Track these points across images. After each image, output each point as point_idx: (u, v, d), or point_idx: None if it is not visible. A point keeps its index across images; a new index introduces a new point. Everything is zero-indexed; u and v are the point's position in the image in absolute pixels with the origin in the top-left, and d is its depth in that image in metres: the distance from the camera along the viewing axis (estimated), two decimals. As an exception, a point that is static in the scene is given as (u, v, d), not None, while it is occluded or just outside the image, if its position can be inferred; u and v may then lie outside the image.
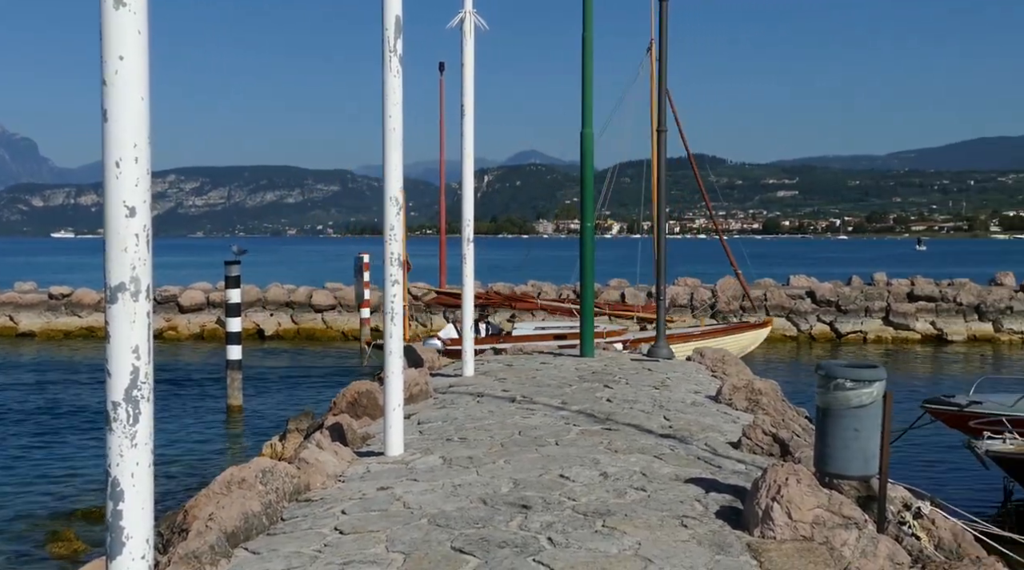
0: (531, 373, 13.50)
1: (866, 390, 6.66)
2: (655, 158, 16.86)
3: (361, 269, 31.48)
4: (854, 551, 5.75)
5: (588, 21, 14.87)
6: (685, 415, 10.20)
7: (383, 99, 8.09)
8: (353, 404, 10.34)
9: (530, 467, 7.64)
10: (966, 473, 14.29)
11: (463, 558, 5.46)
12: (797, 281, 36.32)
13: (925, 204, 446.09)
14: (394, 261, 8.19)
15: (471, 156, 13.24)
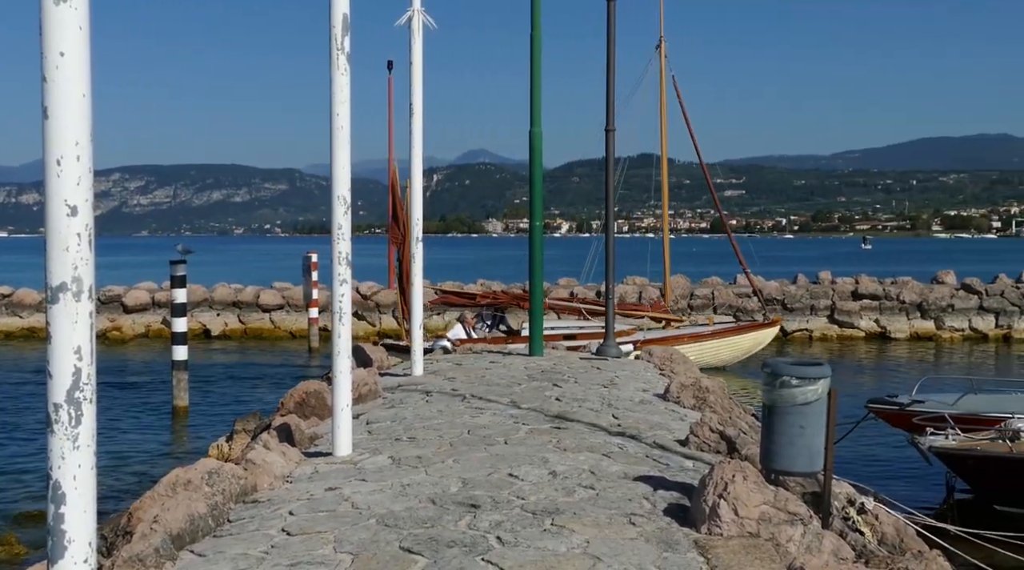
0: (480, 372, 13.50)
1: (811, 387, 6.74)
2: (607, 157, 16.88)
3: (309, 268, 31.38)
4: (799, 547, 5.82)
5: (536, 20, 14.90)
6: (634, 413, 10.25)
7: (331, 97, 8.04)
8: (301, 404, 10.27)
9: (479, 466, 7.64)
10: (910, 469, 14.51)
11: (411, 558, 5.45)
12: (744, 280, 36.65)
13: (869, 203, 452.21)
14: (342, 260, 8.14)
15: (420, 155, 13.21)
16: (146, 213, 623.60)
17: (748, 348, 26.45)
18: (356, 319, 33.14)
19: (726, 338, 26.12)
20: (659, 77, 28.41)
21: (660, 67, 28.47)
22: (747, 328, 26.95)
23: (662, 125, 28.86)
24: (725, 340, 26.06)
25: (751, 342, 26.50)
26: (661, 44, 28.59)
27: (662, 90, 28.50)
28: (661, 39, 28.63)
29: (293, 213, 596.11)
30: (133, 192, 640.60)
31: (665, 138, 29.08)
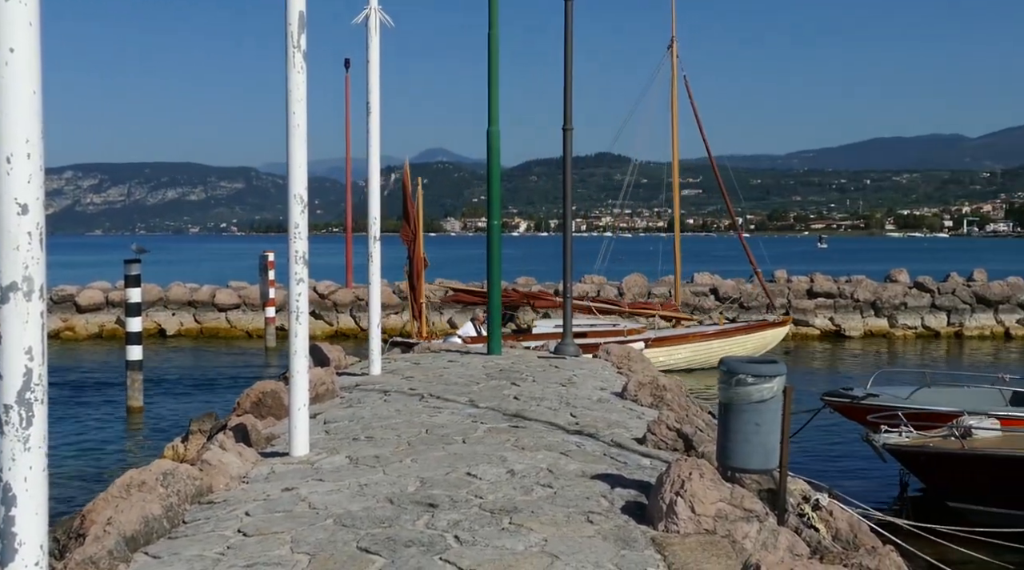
0: (438, 371, 13.48)
1: (767, 385, 6.79)
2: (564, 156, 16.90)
3: (266, 267, 31.16)
4: (755, 543, 5.86)
5: (494, 19, 14.89)
6: (591, 412, 10.28)
7: (287, 95, 7.99)
8: (257, 404, 10.20)
9: (437, 465, 7.62)
10: (864, 466, 14.67)
11: (369, 558, 5.43)
12: (701, 278, 36.90)
13: (824, 203, 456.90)
14: (299, 259, 8.09)
15: (377, 153, 13.15)
16: (100, 212, 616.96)
17: (758, 347, 26.62)
18: (313, 318, 32.97)
19: (736, 337, 26.27)
20: (671, 77, 28.59)
21: (672, 67, 28.63)
22: (757, 327, 27.09)
23: (673, 124, 29.04)
24: (735, 339, 26.21)
25: (761, 341, 26.66)
26: (673, 44, 28.75)
27: (673, 90, 28.66)
28: (673, 39, 28.80)
29: (249, 212, 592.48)
30: (86, 190, 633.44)
31: (676, 138, 29.27)
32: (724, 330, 26.45)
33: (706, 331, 26.25)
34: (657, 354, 24.65)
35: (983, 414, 12.97)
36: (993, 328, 34.70)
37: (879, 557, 5.91)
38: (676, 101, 28.63)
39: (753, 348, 26.39)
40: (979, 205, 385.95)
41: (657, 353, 24.70)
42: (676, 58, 28.55)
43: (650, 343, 24.82)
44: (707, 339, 25.65)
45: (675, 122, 28.92)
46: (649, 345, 24.75)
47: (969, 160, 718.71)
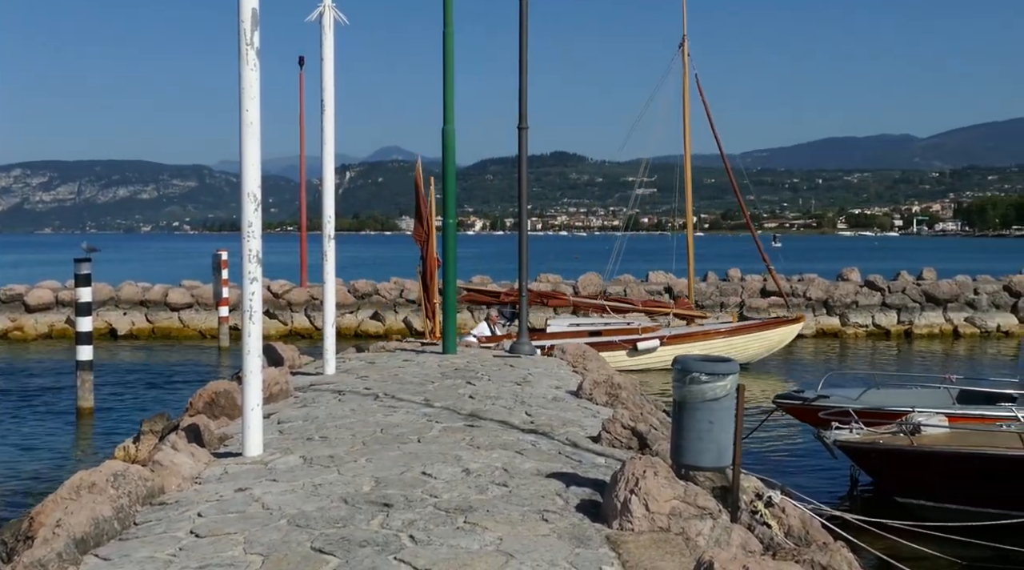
0: (393, 371, 13.44)
1: (720, 383, 6.85)
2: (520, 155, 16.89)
3: (219, 266, 30.87)
4: (708, 541, 5.91)
5: (449, 17, 14.87)
6: (547, 410, 10.30)
7: (240, 93, 7.93)
8: (210, 404, 10.11)
9: (392, 465, 7.60)
10: (816, 463, 14.82)
11: (323, 558, 5.40)
12: (656, 277, 37.09)
13: (777, 202, 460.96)
14: (253, 258, 8.03)
15: (332, 152, 13.10)
16: (49, 210, 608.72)
17: (772, 344, 26.76)
18: (267, 318, 32.74)
19: (750, 334, 26.38)
20: (682, 75, 28.72)
21: (683, 66, 28.74)
22: (771, 324, 27.21)
23: (685, 123, 29.16)
24: (749, 336, 26.32)
25: (775, 338, 26.79)
26: (684, 43, 28.85)
27: (685, 89, 28.77)
28: (684, 38, 28.90)
29: (202, 210, 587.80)
30: (35, 188, 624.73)
31: (688, 136, 29.39)
32: (738, 327, 26.60)
33: (719, 328, 26.39)
34: (672, 352, 24.82)
35: (932, 411, 13.16)
36: (942, 326, 35.19)
37: (830, 553, 5.98)
38: (688, 99, 28.79)
39: (767, 345, 26.59)
40: (928, 205, 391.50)
41: (672, 351, 24.87)
42: (687, 57, 28.69)
43: (665, 340, 24.97)
44: (722, 336, 25.81)
45: (687, 120, 29.09)
46: (664, 343, 24.90)
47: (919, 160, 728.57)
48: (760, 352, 26.43)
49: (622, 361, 24.24)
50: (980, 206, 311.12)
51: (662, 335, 25.12)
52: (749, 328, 26.71)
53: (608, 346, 24.56)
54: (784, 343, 27.08)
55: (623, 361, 24.26)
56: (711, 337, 25.69)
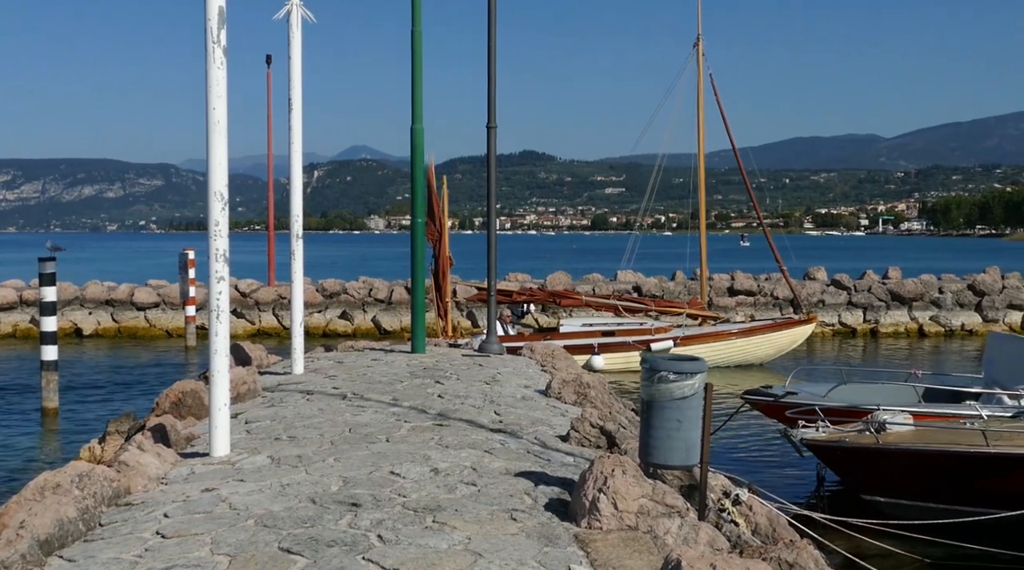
0: (362, 370, 13.40)
1: (688, 382, 6.88)
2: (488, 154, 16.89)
3: (186, 265, 30.67)
4: (676, 539, 5.93)
5: (417, 15, 14.84)
6: (515, 410, 10.30)
7: (207, 92, 7.88)
8: (177, 404, 10.04)
9: (360, 465, 7.58)
10: (783, 460, 14.93)
11: (291, 558, 5.38)
12: (624, 276, 37.19)
13: (744, 201, 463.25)
14: (220, 257, 7.98)
15: (299, 150, 13.03)
16: (12, 208, 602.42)
17: (786, 345, 26.86)
18: (235, 317, 32.59)
19: (764, 335, 26.48)
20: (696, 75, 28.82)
21: (698, 65, 28.82)
22: (784, 325, 27.33)
23: (699, 122, 29.25)
24: (763, 337, 26.42)
25: (789, 339, 26.90)
26: (699, 42, 28.93)
27: (699, 88, 28.85)
28: (699, 38, 28.98)
29: (169, 209, 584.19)
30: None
31: (702, 136, 29.49)
32: (752, 328, 26.71)
33: (732, 329, 26.49)
34: (686, 352, 24.88)
35: (897, 409, 13.28)
36: (907, 325, 35.55)
37: (797, 550, 6.03)
38: (702, 98, 28.90)
39: (781, 345, 26.72)
40: (894, 204, 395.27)
41: (686, 351, 24.93)
42: (702, 56, 28.81)
43: (679, 341, 25.04)
44: (736, 337, 25.90)
45: (701, 120, 29.22)
46: (679, 343, 24.97)
47: (884, 160, 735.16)
48: (773, 352, 26.58)
49: (635, 361, 24.36)
50: (944, 206, 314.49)
51: (676, 336, 25.24)
52: (762, 329, 26.85)
53: (622, 347, 24.67)
54: (797, 343, 27.26)
55: (636, 362, 24.38)
56: (724, 338, 25.83)
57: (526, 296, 27.11)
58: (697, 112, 29.01)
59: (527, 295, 27.19)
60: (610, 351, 24.89)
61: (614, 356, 24.84)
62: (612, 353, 24.88)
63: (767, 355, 26.37)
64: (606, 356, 24.76)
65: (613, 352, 24.91)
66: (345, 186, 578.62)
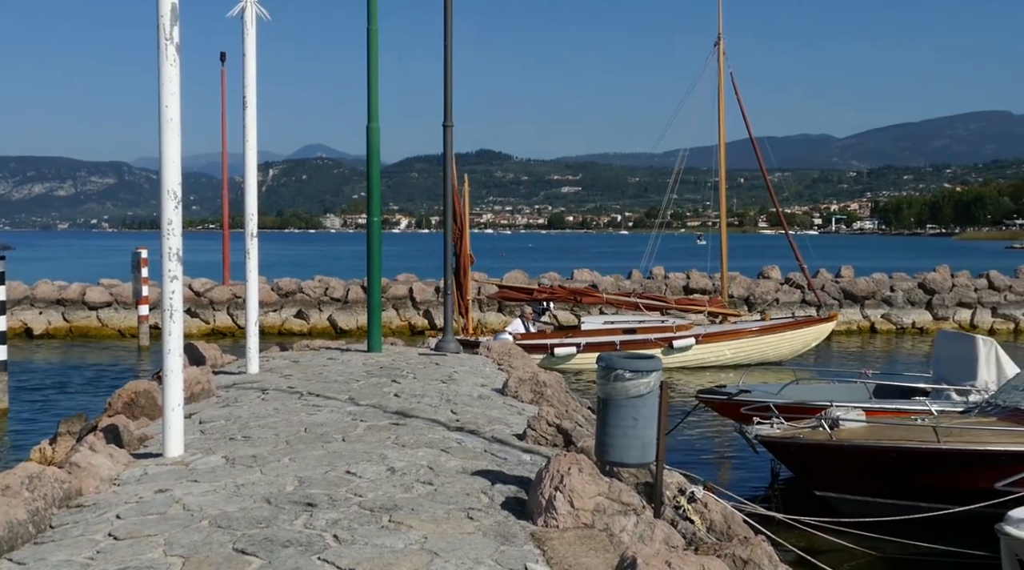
0: (318, 369, 13.33)
1: (644, 380, 6.91)
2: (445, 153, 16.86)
3: (139, 264, 30.35)
4: (632, 536, 5.96)
5: (373, 13, 14.79)
6: (472, 408, 10.30)
7: (159, 89, 7.80)
8: (130, 404, 9.94)
9: (316, 464, 7.54)
10: (739, 458, 15.05)
11: (245, 559, 5.34)
12: (580, 274, 37.30)
13: (699, 201, 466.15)
14: (173, 256, 7.91)
15: (254, 149, 12.94)
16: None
17: (806, 343, 26.95)
18: (189, 316, 32.29)
19: (784, 333, 26.55)
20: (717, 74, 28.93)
21: (719, 64, 28.91)
22: (804, 323, 27.42)
23: (720, 121, 29.36)
24: (783, 335, 26.50)
25: (808, 337, 27.00)
26: (719, 41, 29.04)
27: (720, 87, 29.00)
28: (719, 36, 29.08)
29: (122, 207, 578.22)
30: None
31: (723, 135, 29.61)
32: (773, 326, 26.81)
33: (752, 327, 26.59)
34: (707, 350, 24.96)
35: (850, 405, 13.43)
36: (859, 323, 35.96)
37: (751, 547, 6.08)
38: (723, 97, 29.07)
39: (801, 343, 26.85)
40: (846, 203, 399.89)
41: (707, 349, 25.01)
42: (723, 55, 28.95)
43: (700, 339, 25.09)
44: (757, 335, 26.00)
45: (721, 118, 29.36)
46: (700, 341, 25.02)
47: (837, 160, 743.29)
48: (793, 350, 26.74)
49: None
50: (896, 205, 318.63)
51: (697, 333, 25.33)
52: (782, 327, 27.00)
53: (643, 344, 24.76)
54: (816, 341, 27.45)
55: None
56: (744, 335, 25.97)
57: (547, 294, 27.27)
58: (718, 110, 29.28)
59: (547, 293, 27.35)
60: (631, 348, 25.00)
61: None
62: (634, 350, 24.96)
63: (787, 353, 26.55)
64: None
65: (635, 349, 25.02)
66: (301, 185, 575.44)
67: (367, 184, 15.46)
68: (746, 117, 28.83)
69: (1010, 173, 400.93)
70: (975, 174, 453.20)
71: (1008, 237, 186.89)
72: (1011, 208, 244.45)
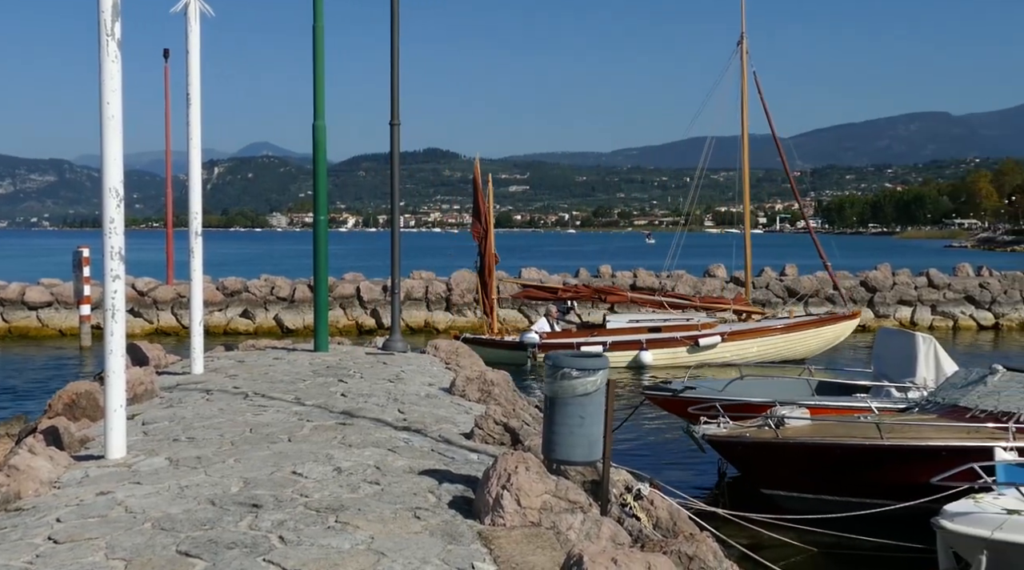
0: (263, 369, 13.22)
1: (590, 379, 6.94)
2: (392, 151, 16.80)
3: (80, 263, 29.87)
4: (579, 534, 5.98)
5: (319, 11, 14.70)
6: (419, 407, 10.28)
7: (100, 86, 7.69)
8: (71, 406, 9.79)
9: (261, 465, 7.48)
10: (685, 455, 15.14)
11: (189, 562, 5.28)
12: (528, 273, 37.33)
13: (647, 200, 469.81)
14: (115, 255, 7.80)
15: (198, 146, 12.80)
16: None
17: (829, 340, 27.03)
18: (132, 316, 31.85)
19: (808, 330, 26.60)
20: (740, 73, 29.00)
21: (741, 63, 28.95)
22: (828, 321, 27.51)
23: (743, 120, 29.39)
24: (807, 332, 26.56)
25: (832, 334, 27.08)
26: (743, 40, 29.10)
27: (743, 86, 29.03)
28: (743, 36, 29.14)
29: (63, 206, 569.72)
30: None
31: (746, 133, 29.63)
32: (797, 323, 26.90)
33: (775, 325, 26.67)
34: (733, 348, 24.99)
35: (794, 404, 13.58)
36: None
37: (696, 544, 6.13)
38: (746, 96, 29.15)
39: (825, 341, 26.96)
40: (790, 203, 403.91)
41: (733, 347, 25.04)
42: (746, 54, 29.05)
43: (726, 337, 25.13)
44: (782, 332, 26.08)
45: (745, 117, 29.45)
46: (726, 339, 25.07)
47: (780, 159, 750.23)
48: (817, 348, 26.89)
49: (683, 357, 24.46)
50: (839, 204, 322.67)
51: (723, 331, 25.44)
52: (806, 324, 27.16)
53: (669, 342, 24.78)
54: (841, 339, 27.63)
55: (684, 357, 24.48)
56: (769, 333, 26.08)
57: (571, 293, 27.32)
58: (741, 109, 29.46)
59: (572, 292, 27.39)
60: (658, 347, 25.12)
61: (662, 352, 25.13)
62: (660, 349, 25.15)
63: (812, 350, 26.73)
64: (654, 351, 25.02)
65: (661, 348, 25.14)
66: (246, 183, 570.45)
67: (314, 182, 15.36)
68: (769, 116, 29.22)
69: (949, 173, 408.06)
70: (915, 174, 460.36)
71: (947, 236, 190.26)
72: (950, 207, 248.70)
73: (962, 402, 12.66)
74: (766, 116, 29.19)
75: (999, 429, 11.66)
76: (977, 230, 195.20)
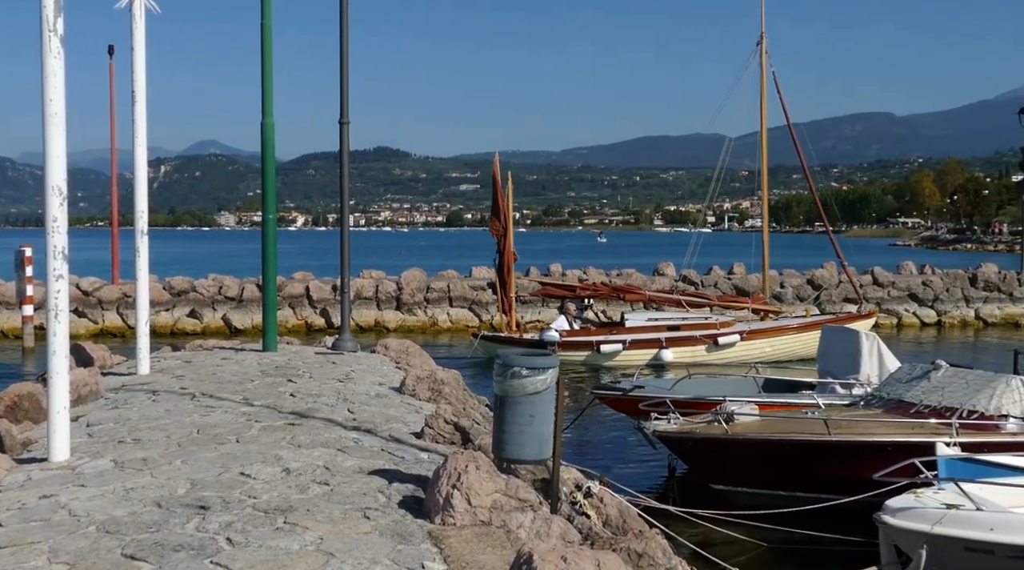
0: (211, 369, 13.09)
1: (540, 377, 6.95)
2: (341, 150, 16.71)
3: (23, 263, 29.37)
4: (529, 533, 5.99)
5: (266, 8, 14.58)
6: (369, 407, 10.23)
7: (43, 83, 7.57)
8: (13, 408, 9.63)
9: (209, 466, 7.40)
10: (636, 453, 15.20)
11: (135, 565, 5.22)
12: (479, 272, 37.33)
13: (596, 199, 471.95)
14: (58, 255, 7.68)
15: (144, 144, 12.64)
16: None
17: None
18: (76, 316, 31.38)
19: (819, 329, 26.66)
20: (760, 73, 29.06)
21: (760, 63, 28.97)
22: (844, 320, 27.46)
23: (762, 120, 29.38)
24: (818, 332, 26.54)
25: None
26: (762, 40, 29.07)
27: (762, 85, 29.04)
28: (762, 36, 29.12)
29: (4, 205, 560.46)
30: None
31: (764, 133, 29.62)
32: (811, 322, 26.88)
33: (793, 324, 26.70)
34: (751, 347, 24.94)
35: (744, 400, 13.69)
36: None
37: (646, 541, 6.16)
38: (765, 97, 29.13)
39: None
40: (739, 202, 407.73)
41: (751, 346, 25.00)
42: (765, 54, 29.08)
43: (745, 336, 25.11)
44: (799, 331, 26.09)
45: (764, 116, 29.45)
46: (744, 338, 25.03)
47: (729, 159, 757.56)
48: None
49: (701, 356, 24.43)
50: (786, 203, 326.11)
51: (742, 330, 25.46)
52: (822, 324, 27.27)
53: (688, 341, 24.72)
54: None
55: (702, 356, 24.44)
56: (787, 332, 26.13)
57: (590, 291, 27.27)
58: (760, 108, 29.57)
59: (591, 290, 27.35)
60: (678, 345, 25.15)
61: (682, 350, 25.07)
62: (680, 347, 25.12)
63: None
64: (674, 350, 25.00)
65: (681, 346, 25.16)
66: (194, 181, 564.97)
67: (262, 181, 15.24)
68: (787, 113, 29.44)
69: (893, 172, 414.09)
70: (860, 173, 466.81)
71: (892, 234, 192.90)
72: (894, 207, 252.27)
73: (907, 397, 12.84)
74: (784, 113, 29.64)
75: (942, 424, 11.84)
76: (920, 229, 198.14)
